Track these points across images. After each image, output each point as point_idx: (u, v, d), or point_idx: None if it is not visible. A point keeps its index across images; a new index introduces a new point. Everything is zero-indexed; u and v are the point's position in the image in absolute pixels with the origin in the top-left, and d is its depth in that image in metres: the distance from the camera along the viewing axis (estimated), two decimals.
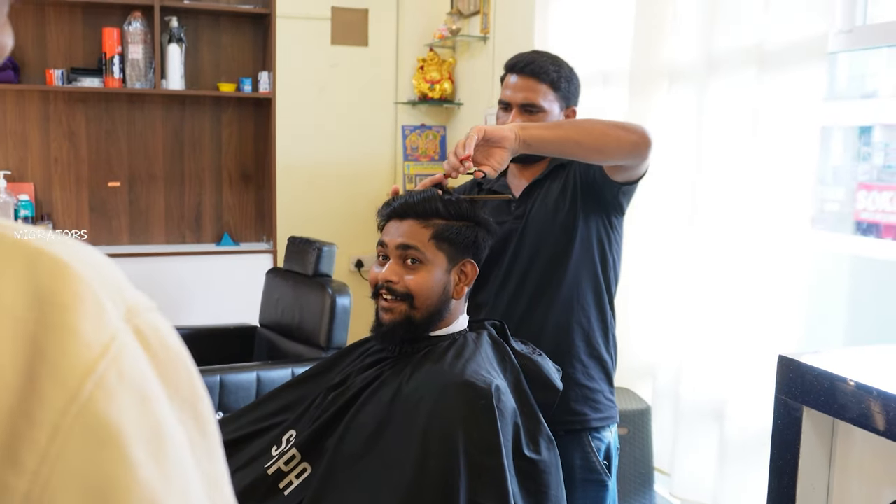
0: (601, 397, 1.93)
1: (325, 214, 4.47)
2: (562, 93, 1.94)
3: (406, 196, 1.68)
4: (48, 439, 0.38)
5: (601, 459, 1.90)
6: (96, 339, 0.41)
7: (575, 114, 2.01)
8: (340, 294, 3.14)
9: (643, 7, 2.79)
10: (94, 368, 0.40)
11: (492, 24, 4.00)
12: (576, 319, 1.91)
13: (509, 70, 1.96)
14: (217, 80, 4.22)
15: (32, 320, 0.40)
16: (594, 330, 1.93)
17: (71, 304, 0.41)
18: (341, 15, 4.50)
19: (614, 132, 1.72)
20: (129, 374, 0.41)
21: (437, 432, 1.44)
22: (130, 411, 0.41)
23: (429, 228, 1.63)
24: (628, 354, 2.92)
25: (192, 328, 3.56)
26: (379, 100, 4.61)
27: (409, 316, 1.62)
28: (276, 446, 1.63)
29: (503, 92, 1.97)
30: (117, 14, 3.96)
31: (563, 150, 1.73)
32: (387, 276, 1.63)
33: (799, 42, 2.15)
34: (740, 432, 2.31)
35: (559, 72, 1.93)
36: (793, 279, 2.20)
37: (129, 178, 4.16)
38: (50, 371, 0.39)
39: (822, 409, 1.30)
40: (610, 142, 1.72)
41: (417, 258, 1.62)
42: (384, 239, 1.66)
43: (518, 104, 1.91)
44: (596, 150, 1.73)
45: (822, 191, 2.46)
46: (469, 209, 1.67)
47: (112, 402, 0.40)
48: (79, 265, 0.44)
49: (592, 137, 1.71)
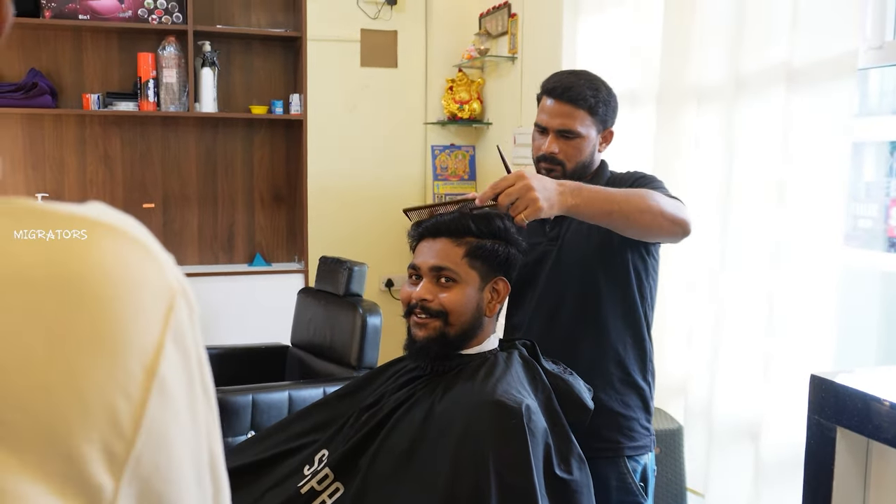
0: (637, 425, 1.91)
1: (356, 234, 4.50)
2: (599, 117, 1.92)
3: (437, 215, 1.69)
4: (140, 410, 0.44)
5: (637, 481, 1.88)
6: (161, 307, 0.46)
7: (612, 135, 1.98)
8: (371, 313, 3.16)
9: (670, 26, 2.79)
10: (163, 340, 0.46)
11: (520, 44, 4.02)
12: (610, 346, 1.89)
13: (547, 94, 1.93)
14: (249, 102, 4.29)
15: (108, 297, 0.44)
16: (629, 357, 1.91)
17: (140, 278, 0.46)
18: (371, 37, 4.55)
19: (659, 222, 1.72)
20: (179, 334, 0.48)
21: (468, 452, 1.45)
22: (179, 368, 0.47)
23: (461, 247, 1.64)
24: (659, 374, 2.90)
25: (225, 348, 3.59)
26: (408, 120, 4.64)
27: (443, 332, 1.63)
28: (309, 465, 1.64)
29: (539, 115, 1.95)
30: (152, 39, 4.04)
31: (598, 223, 1.72)
32: (421, 294, 1.64)
33: (828, 59, 2.14)
34: (776, 452, 2.28)
35: (597, 96, 1.90)
36: (825, 296, 2.18)
37: (163, 200, 4.23)
38: (134, 351, 0.44)
39: (856, 430, 1.29)
40: (653, 229, 1.74)
41: (451, 277, 1.63)
42: (416, 262, 1.67)
43: (555, 129, 1.90)
44: (636, 234, 1.77)
45: (855, 207, 2.44)
46: (501, 227, 1.67)
47: (172, 364, 0.46)
48: (133, 228, 0.48)
49: (638, 225, 1.72)
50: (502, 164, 1.84)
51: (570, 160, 1.91)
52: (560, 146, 1.90)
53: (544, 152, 1.91)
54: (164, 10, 3.97)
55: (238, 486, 1.67)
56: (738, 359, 2.45)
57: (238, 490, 1.66)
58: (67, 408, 0.41)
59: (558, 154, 1.90)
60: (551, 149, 1.90)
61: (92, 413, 0.42)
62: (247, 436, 2.77)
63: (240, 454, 1.76)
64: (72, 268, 0.43)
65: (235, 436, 2.79)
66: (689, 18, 2.71)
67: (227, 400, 2.79)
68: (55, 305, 0.42)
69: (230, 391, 2.83)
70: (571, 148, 1.90)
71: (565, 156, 1.90)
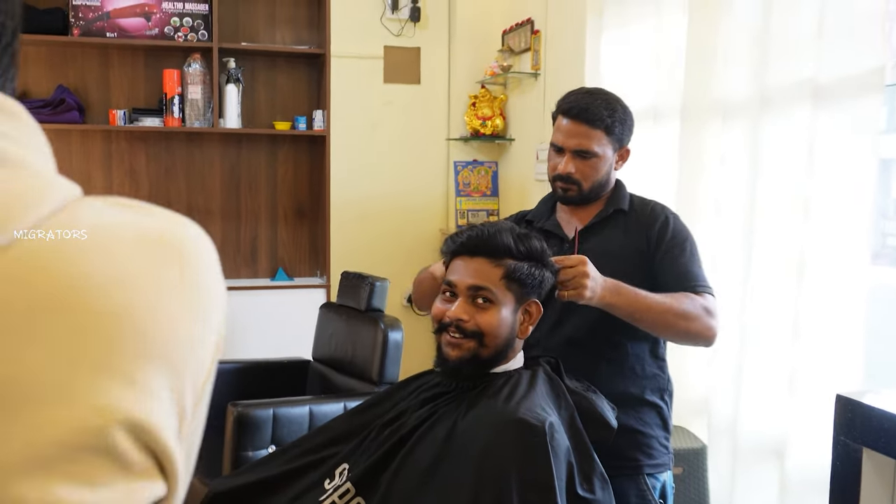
0: (655, 443, 1.92)
1: (378, 250, 4.51)
2: (615, 136, 1.93)
3: (477, 230, 1.67)
4: (206, 379, 0.53)
5: (657, 498, 1.88)
6: (223, 293, 0.55)
7: (628, 153, 1.99)
8: (393, 329, 3.15)
9: (694, 42, 2.78)
10: (222, 324, 0.55)
11: (542, 60, 4.03)
12: (629, 366, 1.91)
13: (563, 114, 1.94)
14: (273, 118, 4.31)
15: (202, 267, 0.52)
16: (647, 376, 1.92)
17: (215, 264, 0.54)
18: (394, 54, 4.58)
19: (689, 330, 1.81)
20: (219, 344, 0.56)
21: (491, 470, 1.44)
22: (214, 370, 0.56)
23: (500, 268, 1.62)
24: (683, 392, 2.88)
25: (247, 362, 3.60)
26: (431, 136, 4.65)
27: (477, 353, 1.62)
28: (330, 479, 1.63)
29: (555, 135, 1.95)
30: (178, 56, 4.09)
31: (634, 322, 1.80)
32: (457, 314, 1.62)
33: (854, 75, 2.12)
34: (802, 472, 2.25)
35: (613, 115, 1.91)
36: (852, 314, 2.15)
37: (187, 214, 4.14)
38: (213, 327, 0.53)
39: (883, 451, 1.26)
40: (680, 337, 1.86)
41: (488, 298, 1.62)
42: (452, 279, 1.65)
43: (571, 150, 1.91)
44: (664, 336, 1.89)
45: (884, 225, 2.41)
46: (538, 248, 1.66)
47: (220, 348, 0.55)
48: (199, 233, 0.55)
49: (667, 332, 1.84)
50: None
51: (587, 180, 1.92)
52: (576, 166, 1.91)
53: (560, 172, 1.93)
54: (190, 27, 4.02)
55: (259, 498, 1.67)
56: (763, 377, 2.43)
57: (259, 502, 1.66)
58: (183, 347, 0.49)
59: (574, 174, 1.92)
60: (568, 169, 1.91)
61: (192, 357, 0.50)
62: (268, 450, 2.77)
63: (261, 467, 1.76)
64: (172, 235, 0.51)
65: (256, 450, 2.78)
66: (714, 33, 2.70)
67: (248, 414, 2.80)
68: (173, 260, 0.50)
69: (251, 405, 2.83)
70: (588, 168, 1.92)
71: (582, 175, 1.92)
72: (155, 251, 0.50)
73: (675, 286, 1.84)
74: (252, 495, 1.68)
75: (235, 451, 2.78)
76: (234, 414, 2.79)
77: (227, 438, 2.80)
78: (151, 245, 0.50)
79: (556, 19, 3.90)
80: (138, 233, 0.50)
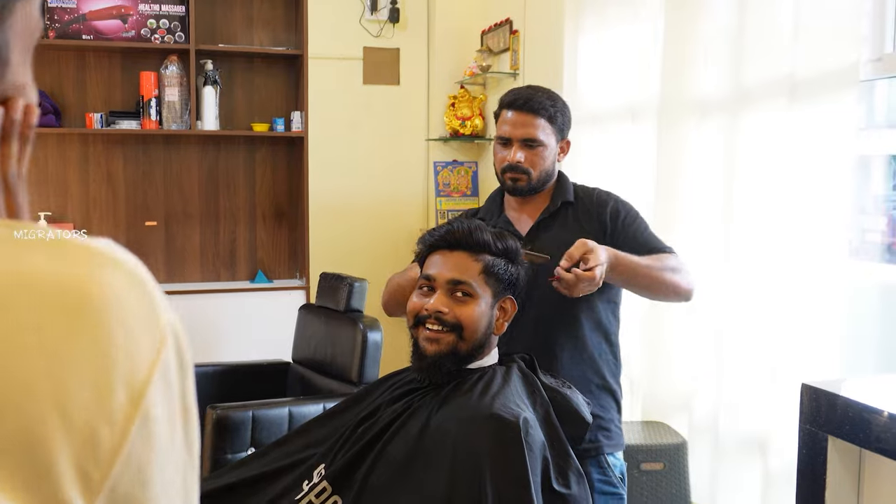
0: (612, 426, 2.02)
1: (358, 251, 4.49)
2: (557, 126, 2.01)
3: (455, 225, 1.67)
4: (121, 439, 0.44)
5: (617, 475, 1.97)
6: (153, 342, 0.47)
7: (569, 145, 2.08)
8: (372, 329, 3.14)
9: (671, 40, 2.79)
10: (151, 374, 0.46)
11: (521, 60, 4.03)
12: (588, 354, 1.98)
13: (508, 106, 2.02)
14: (251, 120, 4.29)
15: (106, 321, 0.45)
16: (605, 363, 2.01)
17: (138, 311, 0.47)
18: (373, 55, 4.57)
19: (676, 288, 1.93)
20: (166, 373, 0.48)
21: (465, 465, 1.43)
22: (163, 406, 0.47)
23: (479, 262, 1.63)
24: (663, 388, 2.88)
25: (226, 364, 3.58)
26: (410, 137, 4.65)
27: (455, 348, 1.61)
28: (308, 480, 1.62)
29: (501, 128, 2.02)
30: (154, 58, 4.06)
31: (624, 287, 1.95)
32: (436, 306, 1.61)
33: (830, 71, 2.13)
34: (784, 465, 2.26)
35: (555, 106, 2.01)
36: (831, 309, 2.16)
37: (165, 217, 4.23)
38: (122, 379, 0.44)
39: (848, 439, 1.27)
40: (669, 294, 1.95)
41: (468, 292, 1.62)
42: (431, 273, 1.65)
43: (519, 139, 1.98)
44: (654, 296, 1.99)
45: (862, 221, 2.43)
46: (513, 246, 1.67)
47: (158, 400, 0.46)
48: (137, 267, 0.50)
49: (660, 289, 1.93)
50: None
51: (535, 168, 1.99)
52: (525, 155, 1.98)
53: (510, 162, 1.99)
54: (167, 29, 3.99)
55: (237, 500, 1.66)
56: (743, 372, 2.43)
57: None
58: (50, 420, 0.41)
59: (523, 162, 1.98)
60: (517, 157, 1.98)
61: (73, 431, 0.42)
62: (247, 452, 2.75)
63: (239, 469, 1.74)
64: (77, 288, 0.44)
65: (235, 452, 2.77)
66: (691, 32, 2.71)
67: (227, 416, 2.78)
68: (56, 320, 0.43)
69: (230, 408, 2.82)
70: (535, 156, 1.99)
71: (530, 164, 1.99)
72: (34, 305, 0.43)
73: (644, 255, 1.93)
74: (230, 498, 1.67)
75: (215, 454, 2.77)
76: (213, 416, 2.78)
77: (205, 441, 2.78)
78: (33, 297, 0.43)
79: (535, 19, 3.90)
80: (20, 282, 0.43)
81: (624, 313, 2.16)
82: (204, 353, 3.89)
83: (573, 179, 2.14)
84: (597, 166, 3.28)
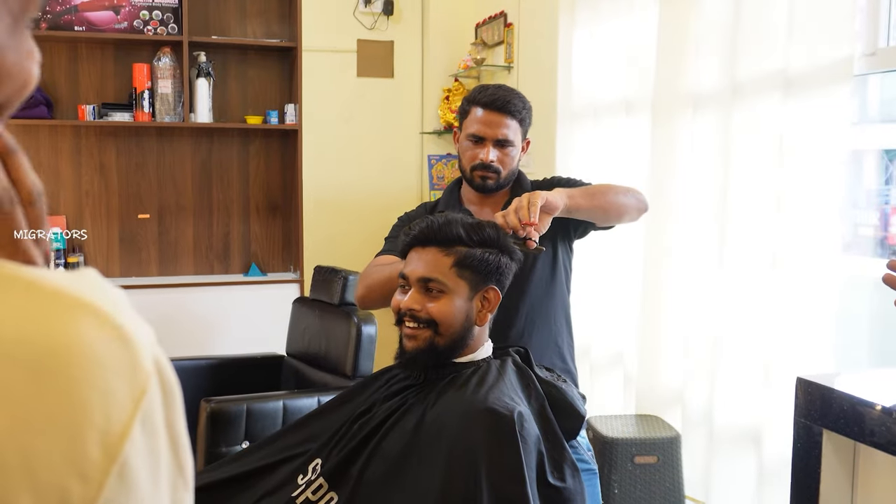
0: None
1: (352, 244, 4.49)
2: (525, 128, 2.07)
3: (427, 221, 1.68)
4: (95, 494, 0.42)
5: (586, 451, 1.98)
6: (132, 392, 0.44)
7: (528, 144, 2.13)
8: (366, 323, 3.14)
9: (666, 34, 2.79)
10: (129, 426, 0.44)
11: (515, 53, 4.03)
12: (552, 339, 2.04)
13: (484, 106, 2.04)
14: (244, 112, 4.28)
15: (75, 379, 0.42)
16: (565, 346, 2.08)
17: (111, 362, 0.44)
18: (367, 47, 4.56)
19: (629, 203, 2.00)
20: (149, 417, 0.45)
21: (460, 460, 1.43)
22: (146, 453, 0.45)
23: (450, 256, 1.63)
24: (656, 382, 2.89)
25: (220, 358, 3.58)
26: (405, 130, 4.64)
27: (433, 343, 1.62)
28: (303, 475, 1.63)
29: (474, 126, 2.04)
30: (147, 50, 4.04)
31: (589, 217, 1.98)
32: (409, 304, 1.63)
33: (824, 66, 2.14)
34: (778, 458, 2.27)
35: (525, 108, 2.06)
36: (824, 303, 2.17)
37: (158, 210, 4.22)
38: (96, 436, 0.42)
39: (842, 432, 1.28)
40: (624, 212, 2.00)
41: (439, 288, 1.62)
42: (405, 271, 1.66)
43: (493, 139, 2.02)
44: (614, 218, 2.02)
45: (855, 215, 2.43)
46: (492, 235, 1.66)
47: (138, 448, 0.44)
48: (115, 309, 0.46)
49: (615, 209, 1.98)
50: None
51: (505, 167, 2.05)
52: (497, 154, 2.03)
53: (482, 161, 2.03)
54: (160, 21, 3.97)
55: (231, 494, 1.66)
56: (737, 366, 2.44)
57: (231, 498, 1.66)
58: (17, 485, 0.40)
59: (496, 162, 2.03)
60: (490, 157, 2.02)
61: (41, 493, 0.40)
62: (241, 446, 2.75)
63: (234, 463, 1.74)
64: (45, 346, 0.42)
65: (230, 446, 2.77)
66: (685, 26, 2.71)
67: (221, 410, 2.78)
68: (21, 380, 0.41)
69: (224, 401, 2.81)
70: (506, 156, 2.04)
71: (501, 164, 2.04)
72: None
73: None
74: (225, 491, 1.67)
75: (209, 448, 2.77)
76: (207, 410, 2.77)
77: (200, 435, 2.78)
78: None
79: (529, 12, 3.90)
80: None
81: (618, 307, 2.17)
82: (198, 346, 3.88)
83: (568, 173, 2.18)
84: (591, 160, 3.28)
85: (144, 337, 0.47)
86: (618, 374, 3.17)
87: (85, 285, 0.46)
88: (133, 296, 3.88)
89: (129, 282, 4.07)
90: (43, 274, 0.44)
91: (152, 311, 3.84)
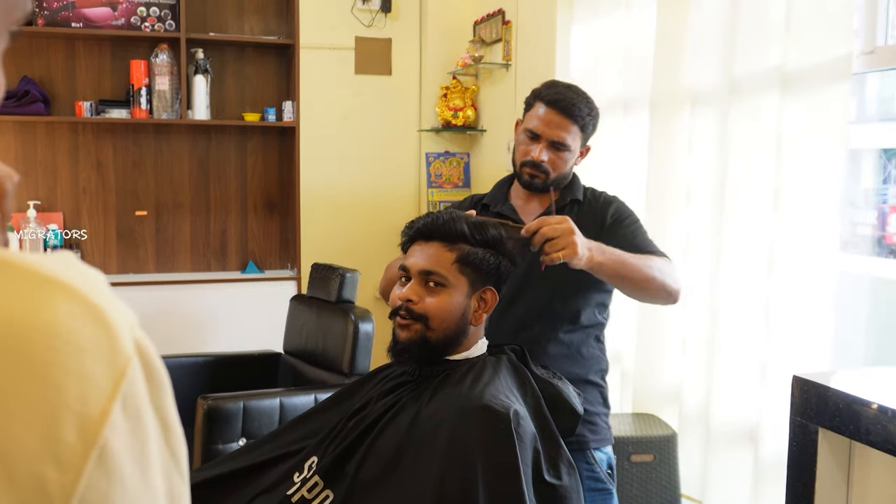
0: (599, 420, 2.01)
1: (349, 241, 4.49)
2: (586, 134, 2.01)
3: (433, 216, 1.67)
4: (73, 480, 0.41)
5: (605, 469, 1.97)
6: (111, 374, 0.43)
7: (588, 151, 2.06)
8: (363, 320, 3.14)
9: (664, 32, 2.79)
10: (108, 409, 0.43)
11: (514, 51, 4.02)
12: (574, 348, 1.98)
13: (547, 103, 1.97)
14: (242, 109, 4.27)
15: (50, 362, 0.41)
16: (590, 358, 2.01)
17: (88, 344, 0.43)
18: (365, 45, 4.55)
19: (662, 289, 1.88)
20: (131, 401, 0.44)
21: (455, 457, 1.43)
22: (128, 437, 0.44)
23: (454, 252, 1.63)
24: (653, 381, 2.89)
25: (217, 355, 3.57)
26: (402, 127, 4.64)
27: (425, 336, 1.62)
28: (299, 472, 1.63)
29: (532, 121, 1.98)
30: (145, 47, 4.03)
31: (608, 282, 1.89)
32: (407, 295, 1.63)
33: (822, 64, 2.13)
34: (775, 457, 2.27)
35: (591, 114, 1.99)
36: (821, 302, 2.17)
37: (155, 207, 4.21)
38: (72, 420, 0.42)
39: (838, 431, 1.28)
40: (652, 294, 1.90)
41: (440, 282, 1.62)
42: (406, 264, 1.66)
43: (548, 139, 1.96)
44: (637, 296, 1.95)
45: (853, 214, 2.43)
46: (495, 237, 1.66)
47: (119, 432, 0.43)
48: (93, 289, 0.45)
49: (648, 286, 1.86)
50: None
51: (556, 170, 1.98)
52: (550, 156, 1.96)
53: (532, 159, 1.97)
54: (157, 17, 3.97)
55: (227, 491, 1.66)
56: (734, 364, 2.44)
57: (227, 495, 1.66)
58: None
59: (546, 163, 1.97)
60: (542, 157, 1.96)
61: (17, 481, 0.40)
62: (238, 443, 2.75)
63: (231, 461, 1.75)
64: (19, 328, 0.41)
65: (226, 443, 2.77)
66: (683, 24, 2.71)
67: (218, 407, 2.77)
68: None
69: (221, 398, 2.81)
70: (559, 159, 1.98)
71: (552, 165, 1.98)
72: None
73: None
74: (221, 489, 1.67)
75: (206, 445, 2.76)
76: (204, 407, 2.77)
77: (197, 432, 2.78)
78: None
79: (528, 10, 3.89)
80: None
81: (615, 306, 2.16)
82: (195, 343, 3.88)
83: None
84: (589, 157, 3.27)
85: (124, 318, 0.45)
86: (614, 373, 3.16)
87: (60, 265, 0.44)
88: (130, 293, 3.90)
89: (126, 279, 4.06)
90: (16, 253, 0.43)
91: (149, 309, 3.84)
